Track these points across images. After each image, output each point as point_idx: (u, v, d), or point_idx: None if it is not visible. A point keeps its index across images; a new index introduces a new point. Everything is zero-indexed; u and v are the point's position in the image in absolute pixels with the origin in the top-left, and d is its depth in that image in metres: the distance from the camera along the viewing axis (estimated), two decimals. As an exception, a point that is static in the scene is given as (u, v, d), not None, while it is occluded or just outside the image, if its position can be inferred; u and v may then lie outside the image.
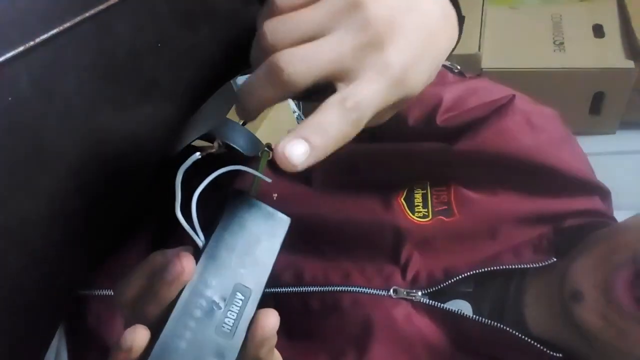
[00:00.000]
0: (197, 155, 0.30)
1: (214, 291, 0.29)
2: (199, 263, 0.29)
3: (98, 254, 0.54)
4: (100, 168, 0.40)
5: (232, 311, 0.29)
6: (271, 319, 0.29)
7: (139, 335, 0.27)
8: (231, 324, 0.29)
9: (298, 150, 0.25)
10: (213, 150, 0.34)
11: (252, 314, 0.29)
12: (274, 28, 0.27)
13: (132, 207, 0.56)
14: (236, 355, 0.28)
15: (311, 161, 0.26)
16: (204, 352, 0.28)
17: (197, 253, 0.29)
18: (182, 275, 0.28)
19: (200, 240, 0.30)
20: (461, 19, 0.35)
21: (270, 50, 0.27)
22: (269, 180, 0.32)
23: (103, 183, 0.41)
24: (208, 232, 0.30)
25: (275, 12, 0.28)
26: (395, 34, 0.27)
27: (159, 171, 0.57)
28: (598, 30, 1.09)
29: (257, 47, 0.28)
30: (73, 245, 0.41)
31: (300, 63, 0.26)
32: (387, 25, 0.27)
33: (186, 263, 0.28)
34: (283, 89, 0.27)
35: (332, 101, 0.26)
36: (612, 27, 1.09)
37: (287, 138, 0.25)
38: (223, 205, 0.31)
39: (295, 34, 0.27)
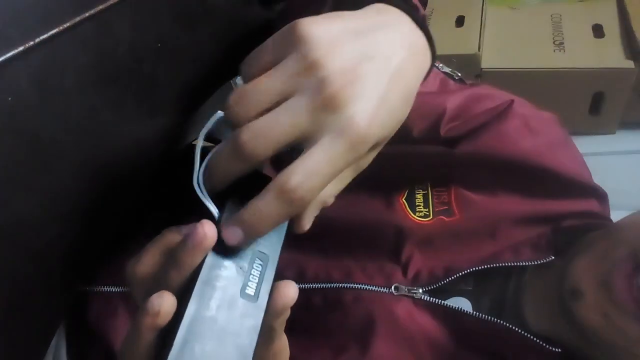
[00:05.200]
0: (220, 113, 0.30)
1: (234, 258, 0.29)
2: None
3: (99, 253, 0.54)
4: (100, 167, 0.40)
5: (254, 275, 0.30)
6: (292, 289, 0.29)
7: (166, 300, 0.27)
8: (254, 287, 0.29)
9: (234, 234, 0.28)
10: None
11: (271, 279, 0.30)
12: (235, 102, 0.28)
13: (133, 205, 0.57)
14: (262, 315, 0.29)
15: (249, 240, 0.28)
16: (234, 313, 0.28)
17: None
18: (205, 240, 0.28)
19: (215, 210, 0.30)
20: (430, 38, 0.35)
21: (235, 125, 0.28)
22: None
23: (103, 182, 0.41)
24: (219, 206, 0.31)
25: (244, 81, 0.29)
26: (354, 88, 0.27)
27: (160, 170, 0.57)
28: (598, 30, 1.09)
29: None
30: (73, 244, 0.41)
31: (258, 138, 0.27)
32: (344, 81, 0.27)
33: (208, 229, 0.28)
34: (246, 163, 0.28)
35: (271, 186, 0.27)
36: (612, 27, 1.09)
37: (228, 222, 0.28)
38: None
39: (255, 105, 0.28)
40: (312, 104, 0.27)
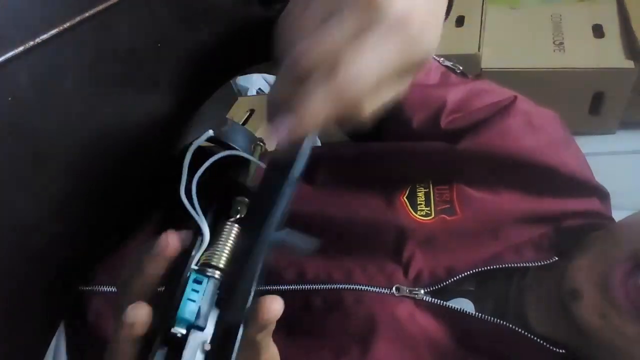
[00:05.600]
0: (210, 132, 0.30)
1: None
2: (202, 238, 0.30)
3: (98, 252, 0.54)
4: (100, 168, 0.40)
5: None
6: (276, 305, 0.29)
7: (140, 311, 0.28)
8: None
9: (282, 127, 0.26)
10: (226, 128, 0.34)
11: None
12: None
13: (133, 205, 0.56)
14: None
15: (296, 137, 0.27)
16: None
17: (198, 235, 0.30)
18: (167, 249, 0.28)
19: (202, 220, 0.30)
20: None
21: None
22: (264, 166, 0.33)
23: (102, 182, 0.41)
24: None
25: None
26: None
27: (160, 170, 0.57)
28: (598, 30, 1.09)
29: None
30: (73, 244, 0.41)
31: (308, 49, 0.26)
32: None
33: (171, 239, 0.28)
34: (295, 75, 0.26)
35: (317, 82, 0.26)
36: (612, 27, 1.08)
37: (276, 122, 0.26)
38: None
39: (305, 33, 0.27)
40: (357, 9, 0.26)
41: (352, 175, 0.55)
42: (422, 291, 0.47)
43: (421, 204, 0.51)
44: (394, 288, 0.47)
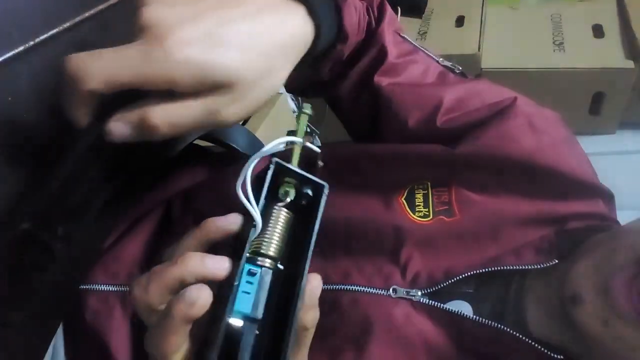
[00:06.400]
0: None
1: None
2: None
3: (100, 252, 0.54)
4: (101, 167, 0.40)
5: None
6: (317, 281, 0.30)
7: (203, 293, 0.27)
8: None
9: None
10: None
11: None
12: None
13: (134, 203, 0.56)
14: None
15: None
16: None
17: (247, 222, 0.31)
18: (231, 226, 0.31)
19: (256, 213, 0.30)
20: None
21: None
22: (318, 150, 0.33)
23: (103, 181, 0.41)
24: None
25: None
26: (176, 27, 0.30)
27: (160, 169, 0.57)
28: (598, 30, 1.09)
29: None
30: (73, 245, 0.41)
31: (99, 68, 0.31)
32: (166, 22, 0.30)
33: (237, 219, 0.31)
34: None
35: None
36: (612, 27, 1.09)
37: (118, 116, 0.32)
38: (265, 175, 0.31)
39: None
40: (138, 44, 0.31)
41: (350, 176, 0.55)
42: (420, 293, 0.46)
43: (419, 205, 0.51)
44: (390, 289, 0.47)
